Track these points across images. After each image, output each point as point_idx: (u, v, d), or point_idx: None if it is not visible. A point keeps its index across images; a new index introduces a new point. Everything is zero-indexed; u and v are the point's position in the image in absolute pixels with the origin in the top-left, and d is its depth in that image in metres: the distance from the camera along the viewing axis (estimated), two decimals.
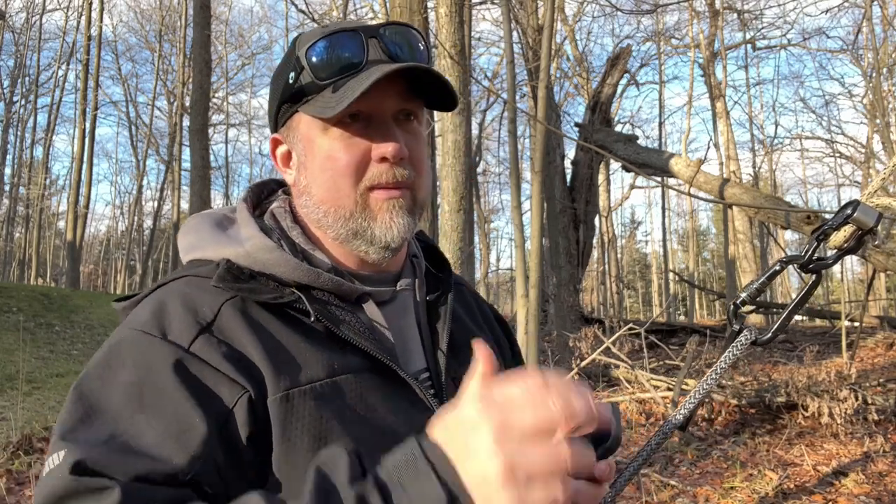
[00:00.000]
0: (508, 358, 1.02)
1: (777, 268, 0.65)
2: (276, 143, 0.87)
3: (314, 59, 0.78)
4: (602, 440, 0.66)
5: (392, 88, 0.79)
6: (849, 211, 0.63)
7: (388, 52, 0.79)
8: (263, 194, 0.92)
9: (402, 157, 0.78)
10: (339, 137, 0.79)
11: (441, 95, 0.82)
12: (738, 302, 0.65)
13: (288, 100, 0.82)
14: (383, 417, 0.74)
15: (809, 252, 0.64)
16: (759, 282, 0.64)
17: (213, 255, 0.81)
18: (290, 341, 0.74)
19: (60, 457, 0.62)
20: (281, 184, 0.94)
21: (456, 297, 0.93)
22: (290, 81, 0.81)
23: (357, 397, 0.73)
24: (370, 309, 0.82)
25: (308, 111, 0.80)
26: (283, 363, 0.72)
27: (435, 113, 5.94)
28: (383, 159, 0.78)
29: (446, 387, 0.83)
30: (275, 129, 0.87)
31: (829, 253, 0.67)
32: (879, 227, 0.65)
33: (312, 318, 0.75)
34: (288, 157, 0.86)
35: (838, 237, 0.65)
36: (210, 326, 0.73)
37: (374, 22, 0.82)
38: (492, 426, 0.50)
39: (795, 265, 0.64)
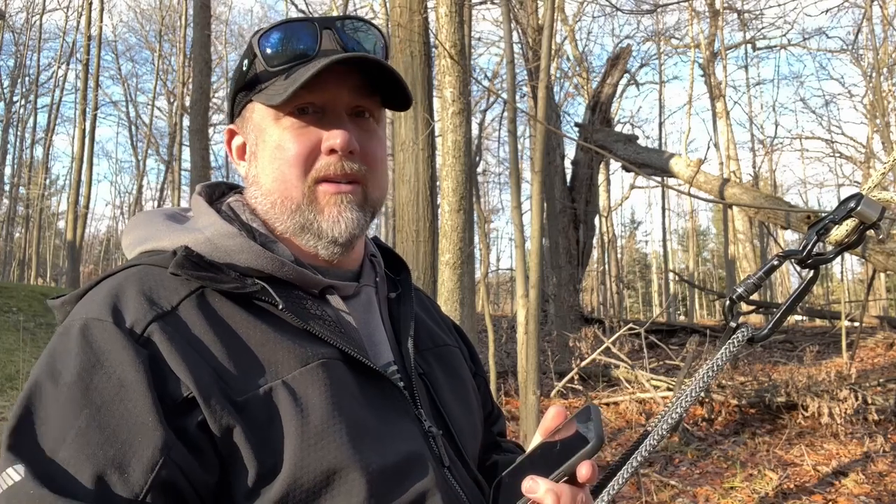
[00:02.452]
0: (469, 363, 1.01)
1: (775, 262, 0.64)
2: (231, 135, 0.85)
3: (267, 46, 0.77)
4: (582, 443, 0.65)
5: (346, 83, 0.78)
6: (852, 204, 0.61)
7: (343, 44, 0.78)
8: (215, 195, 0.89)
9: (351, 149, 0.77)
10: (289, 127, 0.77)
11: (395, 92, 0.81)
12: (734, 297, 0.64)
13: (243, 88, 0.81)
14: (357, 407, 0.72)
15: (808, 247, 0.62)
16: (757, 276, 0.63)
17: (168, 245, 0.76)
18: (257, 335, 0.71)
19: (17, 473, 0.60)
20: (232, 187, 0.92)
21: (415, 299, 0.92)
22: (244, 69, 0.80)
23: (330, 386, 0.71)
24: (335, 302, 0.80)
25: (260, 99, 0.79)
26: (250, 361, 0.69)
27: (435, 113, 5.93)
28: (332, 151, 0.76)
29: (415, 381, 0.82)
30: (231, 119, 0.85)
31: (829, 248, 0.66)
32: (882, 224, 0.64)
33: (281, 307, 0.72)
34: (243, 149, 0.84)
35: (840, 231, 0.63)
36: (165, 316, 0.69)
37: (336, 14, 0.82)
38: None
39: (794, 260, 0.63)
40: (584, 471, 0.64)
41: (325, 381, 0.71)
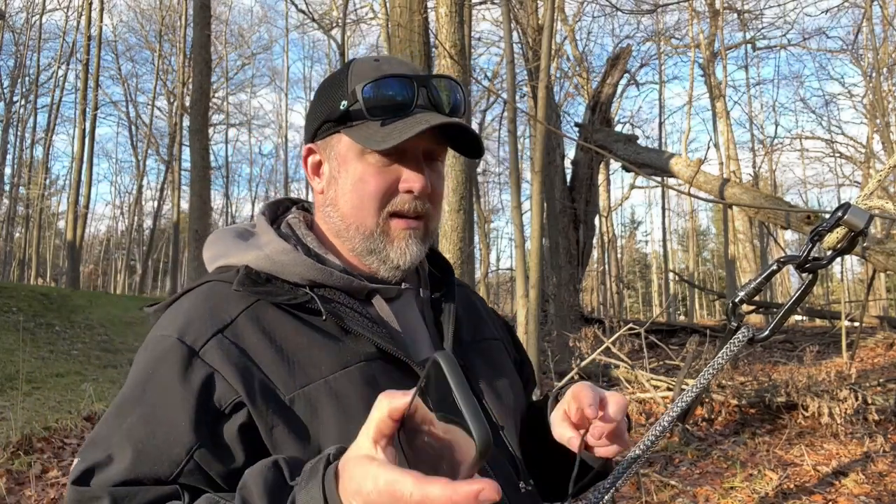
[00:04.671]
0: (514, 356, 1.09)
1: (774, 267, 0.66)
2: (309, 152, 0.95)
3: (370, 95, 0.87)
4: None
5: (426, 132, 0.87)
6: (840, 213, 0.65)
7: (433, 100, 0.89)
8: (279, 210, 1.02)
9: (426, 192, 0.89)
10: (373, 164, 0.88)
11: (469, 144, 0.92)
12: (735, 301, 0.66)
13: (332, 120, 0.91)
14: None
15: (806, 252, 0.65)
16: (757, 281, 0.65)
17: (235, 262, 0.90)
18: (304, 341, 0.82)
19: (74, 465, 0.75)
20: (294, 201, 1.05)
21: (458, 297, 1.01)
22: (342, 108, 0.89)
23: (369, 383, 0.80)
24: (379, 304, 0.91)
25: (352, 136, 0.89)
26: (296, 364, 0.80)
27: None
28: (409, 191, 0.88)
29: None
30: (310, 139, 0.95)
31: (828, 253, 0.68)
32: (880, 228, 0.66)
33: (324, 317, 0.83)
34: (317, 166, 0.95)
35: (832, 238, 0.67)
36: (225, 329, 0.81)
37: (423, 71, 0.93)
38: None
39: (792, 265, 0.65)
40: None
41: (363, 379, 0.81)
